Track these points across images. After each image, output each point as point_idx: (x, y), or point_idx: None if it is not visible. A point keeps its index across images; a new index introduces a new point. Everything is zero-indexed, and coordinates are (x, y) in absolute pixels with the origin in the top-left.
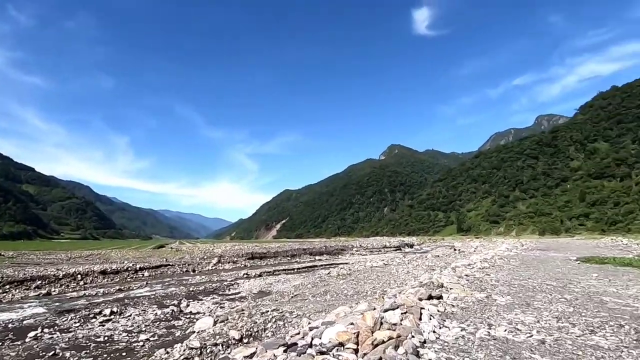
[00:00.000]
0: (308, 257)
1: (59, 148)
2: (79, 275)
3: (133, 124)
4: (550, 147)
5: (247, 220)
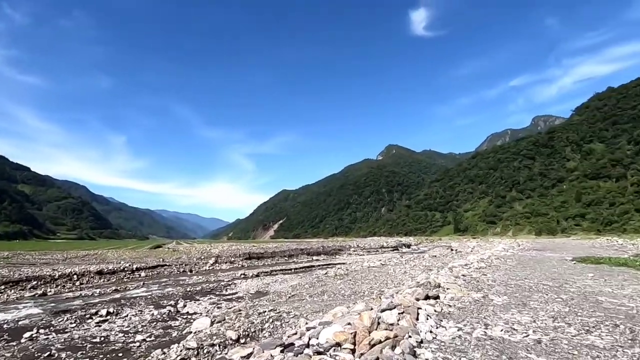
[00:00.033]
0: (305, 257)
1: (55, 148)
2: (75, 276)
3: (130, 124)
4: (547, 147)
5: (244, 221)
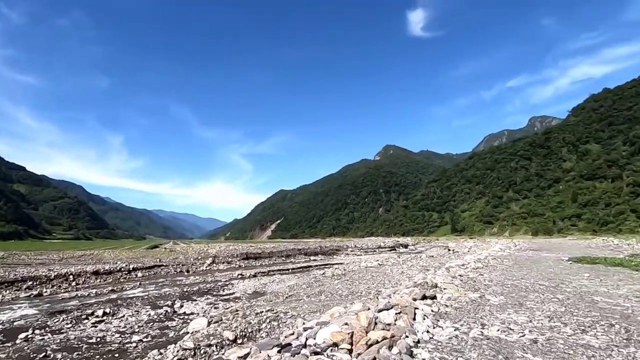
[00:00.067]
0: (303, 257)
1: (51, 147)
2: (71, 276)
3: (127, 123)
4: (543, 148)
5: (241, 221)
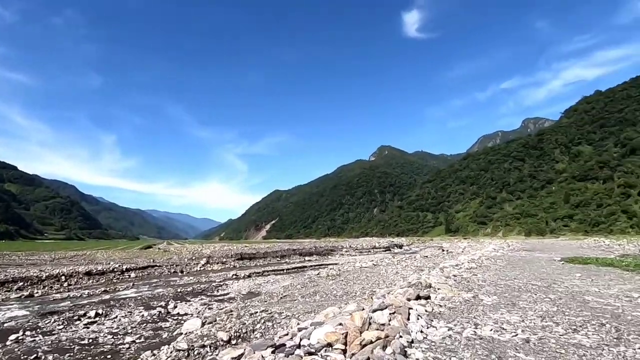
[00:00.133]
0: (298, 257)
1: (43, 146)
2: (63, 277)
3: (120, 122)
4: (536, 149)
5: (236, 221)
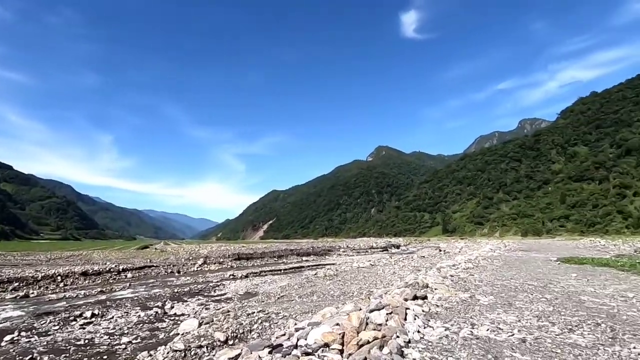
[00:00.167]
0: (295, 257)
1: (40, 146)
2: (59, 277)
3: (117, 122)
4: (533, 150)
5: (233, 221)
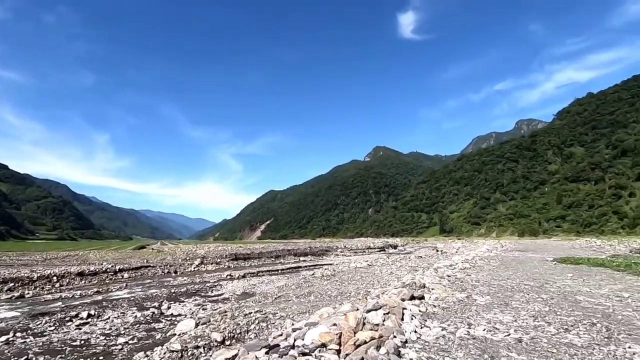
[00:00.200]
0: (292, 258)
1: (35, 145)
2: (55, 277)
3: (114, 122)
4: (530, 151)
5: (231, 221)
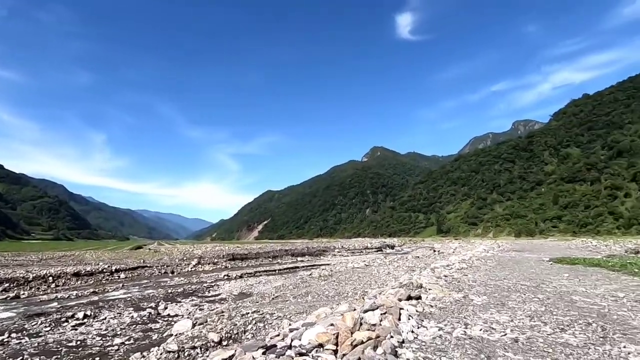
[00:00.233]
0: (290, 258)
1: (31, 145)
2: (51, 278)
3: (111, 121)
4: (526, 151)
5: (228, 221)
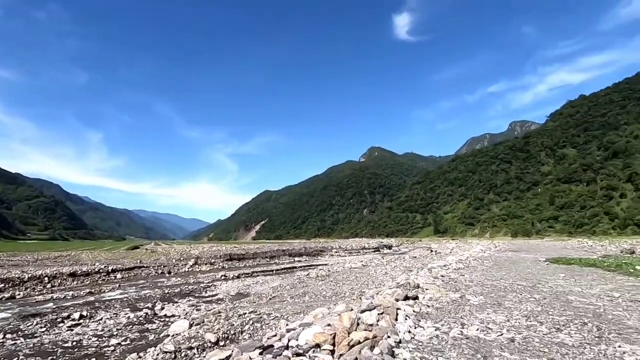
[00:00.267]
0: (287, 258)
1: (27, 144)
2: (46, 278)
3: (108, 120)
4: (523, 152)
5: (225, 221)
